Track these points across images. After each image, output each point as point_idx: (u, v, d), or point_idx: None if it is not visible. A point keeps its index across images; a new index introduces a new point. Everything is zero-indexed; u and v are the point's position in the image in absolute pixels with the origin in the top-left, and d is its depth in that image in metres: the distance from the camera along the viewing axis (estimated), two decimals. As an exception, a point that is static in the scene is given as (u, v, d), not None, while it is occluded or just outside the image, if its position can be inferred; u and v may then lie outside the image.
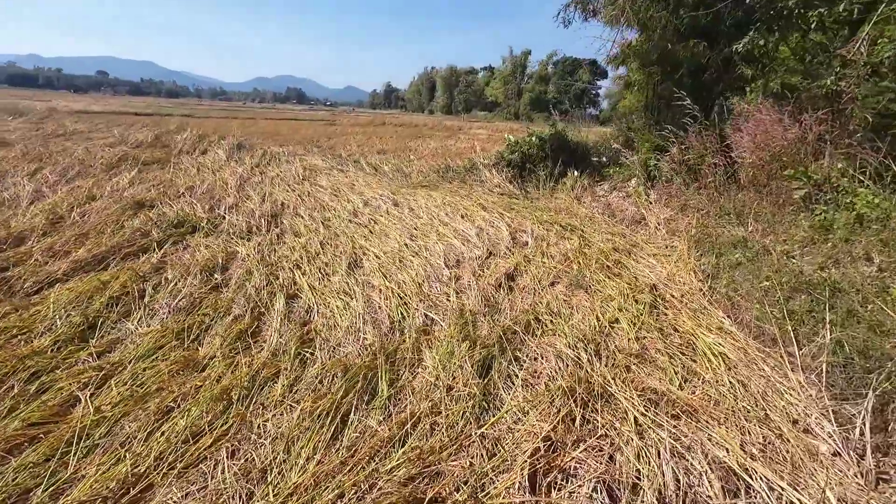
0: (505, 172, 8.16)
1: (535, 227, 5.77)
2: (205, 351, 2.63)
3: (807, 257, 3.90)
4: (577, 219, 6.41)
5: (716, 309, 3.47)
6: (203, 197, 6.26)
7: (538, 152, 8.09)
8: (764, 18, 5.17)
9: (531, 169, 8.14)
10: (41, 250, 3.82)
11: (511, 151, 8.30)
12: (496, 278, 4.03)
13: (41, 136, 11.24)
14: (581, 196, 7.68)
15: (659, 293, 3.79)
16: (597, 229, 5.89)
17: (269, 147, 12.35)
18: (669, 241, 5.29)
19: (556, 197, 7.74)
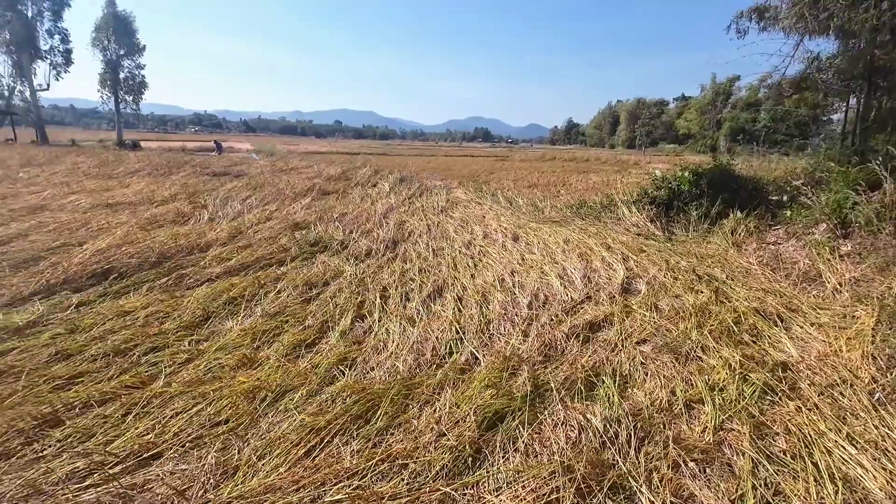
0: (647, 211, 7.25)
1: (660, 275, 4.99)
2: (264, 353, 3.05)
3: None
4: (727, 269, 5.29)
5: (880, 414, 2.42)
6: (349, 222, 7.28)
7: (691, 189, 6.97)
8: None
9: (681, 208, 7.05)
10: (213, 257, 5.02)
11: (657, 188, 7.36)
12: (574, 326, 3.62)
13: (271, 170, 14.73)
14: (743, 242, 6.30)
15: (789, 376, 2.84)
16: (746, 284, 4.76)
17: (430, 181, 13.63)
18: (850, 308, 3.92)
19: (709, 241, 6.53)
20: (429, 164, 25.48)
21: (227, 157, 20.90)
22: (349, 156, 27.79)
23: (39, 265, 4.44)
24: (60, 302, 3.75)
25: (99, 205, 7.38)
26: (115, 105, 32.35)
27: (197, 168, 13.96)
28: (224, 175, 12.88)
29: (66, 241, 5.24)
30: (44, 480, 1.87)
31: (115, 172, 11.87)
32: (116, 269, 4.43)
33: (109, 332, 3.24)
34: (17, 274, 4.24)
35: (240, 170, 14.36)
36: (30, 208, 6.91)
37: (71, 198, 7.83)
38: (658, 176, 7.62)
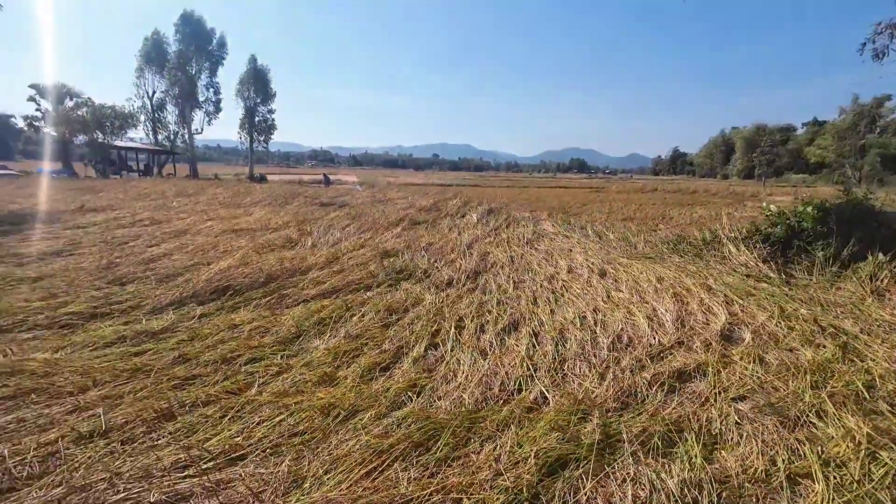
0: (759, 249, 6.45)
1: (770, 323, 4.41)
2: (343, 372, 3.27)
3: None
4: (861, 322, 4.51)
5: None
6: (434, 251, 7.56)
7: (815, 226, 6.08)
8: None
9: (802, 247, 6.17)
10: (311, 279, 5.54)
11: (772, 223, 6.54)
12: (659, 373, 3.34)
13: (370, 201, 15.91)
14: (887, 290, 5.32)
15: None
16: (887, 341, 4.00)
17: (518, 212, 13.63)
18: None
19: (839, 288, 5.61)
20: (519, 195, 25.51)
21: (335, 189, 23.04)
22: (442, 187, 28.94)
23: (176, 280, 5.29)
24: (188, 312, 4.42)
25: (227, 230, 8.60)
26: (249, 144, 37.90)
27: (308, 199, 15.59)
28: (330, 205, 14.21)
29: (198, 261, 6.18)
30: (154, 466, 2.20)
31: (243, 202, 13.75)
32: (233, 286, 5.10)
33: (220, 342, 3.73)
34: (160, 287, 5.10)
35: (344, 200, 15.73)
36: (176, 232, 8.29)
37: (207, 223, 9.24)
38: (773, 210, 6.78)
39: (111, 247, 6.96)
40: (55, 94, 29.55)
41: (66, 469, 2.15)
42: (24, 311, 4.24)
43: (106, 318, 4.30)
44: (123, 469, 2.16)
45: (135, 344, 3.72)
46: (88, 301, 4.57)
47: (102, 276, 5.41)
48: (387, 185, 27.94)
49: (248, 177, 34.53)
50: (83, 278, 5.28)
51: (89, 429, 2.48)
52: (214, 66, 35.70)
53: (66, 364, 3.24)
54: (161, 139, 36.14)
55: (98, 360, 3.40)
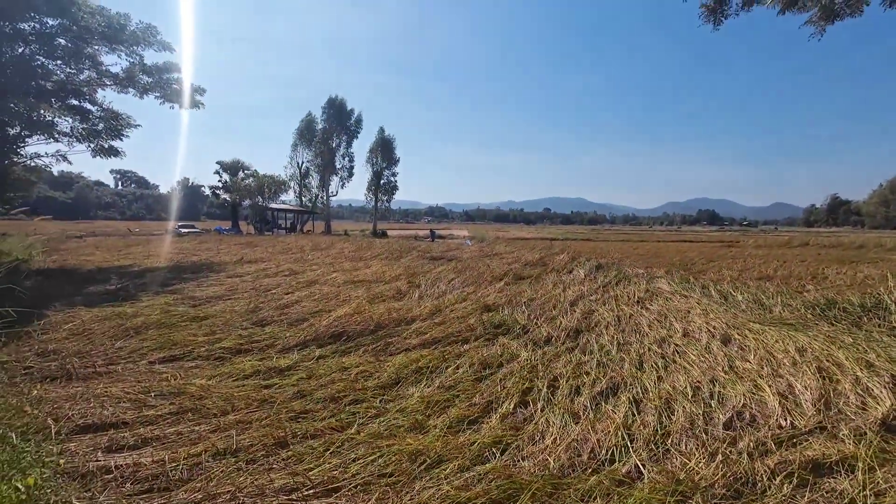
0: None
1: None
2: (433, 421, 3.42)
3: None
4: None
5: None
6: (536, 307, 7.51)
7: None
8: None
9: None
10: (414, 329, 5.92)
11: (962, 289, 5.24)
12: (787, 462, 2.87)
13: (478, 255, 16.44)
14: None
15: None
16: None
17: (632, 268, 12.85)
18: None
19: None
20: (635, 249, 24.03)
21: (445, 243, 24.29)
22: (551, 241, 28.61)
23: (303, 325, 6.08)
24: (308, 353, 5.05)
25: (348, 281, 9.64)
26: (374, 203, 42.56)
27: (420, 253, 16.70)
28: (440, 259, 15.02)
29: (322, 308, 7.03)
30: (268, 486, 2.56)
31: (364, 255, 15.27)
32: (346, 332, 5.70)
33: (331, 382, 4.19)
34: (289, 329, 5.91)
35: (453, 254, 16.50)
36: (308, 282, 9.54)
37: (333, 275, 10.46)
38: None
39: (257, 293, 8.28)
40: (233, 168, 36.99)
41: (205, 479, 2.62)
42: (192, 344, 5.26)
43: (247, 353, 5.12)
44: (245, 484, 2.55)
45: (266, 378, 4.36)
46: (237, 339, 5.50)
47: (249, 318, 6.46)
48: (495, 239, 28.58)
49: (371, 232, 38.48)
50: (235, 319, 6.37)
51: (224, 446, 2.99)
52: (350, 139, 41.85)
53: (214, 390, 3.94)
54: (305, 201, 42.47)
55: (238, 389, 4.06)
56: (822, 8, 7.98)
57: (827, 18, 8.02)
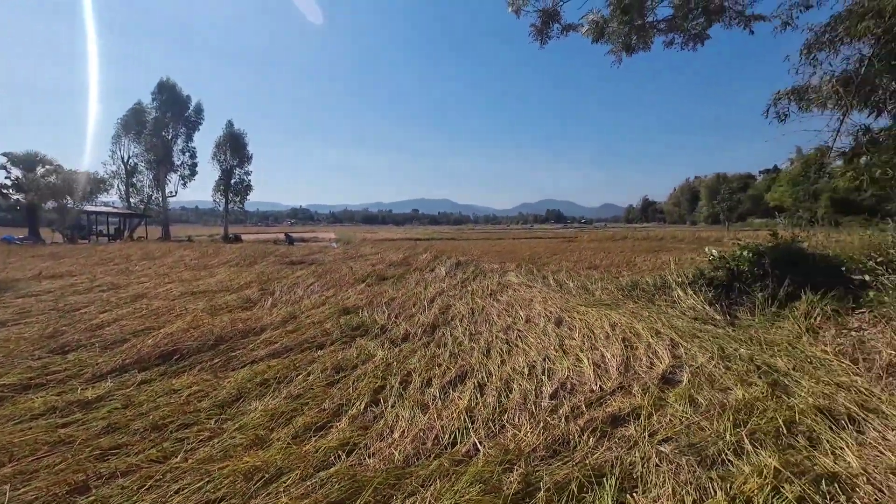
0: (704, 292, 6.74)
1: (710, 364, 4.56)
2: (277, 434, 3.22)
3: None
4: (794, 359, 4.70)
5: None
6: (396, 306, 7.60)
7: (751, 269, 6.43)
8: None
9: (743, 289, 6.47)
10: (263, 340, 5.49)
11: (714, 268, 6.88)
12: (593, 419, 3.39)
13: (342, 258, 16.00)
14: (820, 328, 5.57)
15: (837, 490, 2.40)
16: (814, 376, 4.17)
17: (488, 264, 13.87)
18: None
19: (779, 327, 5.85)
20: (493, 247, 26.03)
21: (308, 247, 23.11)
22: (417, 242, 29.34)
23: (122, 346, 5.17)
24: (127, 380, 4.30)
25: (186, 292, 8.50)
26: (224, 205, 38.13)
27: (279, 257, 15.60)
28: (300, 263, 14.22)
29: (150, 326, 6.07)
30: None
31: (211, 263, 13.66)
32: (180, 350, 5.02)
33: (155, 409, 3.63)
34: (103, 354, 4.97)
35: (315, 258, 15.78)
36: (133, 296, 8.15)
37: (167, 286, 9.12)
38: (715, 255, 7.16)
39: (60, 314, 6.78)
40: (27, 161, 29.59)
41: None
42: (-50, 387, 4.07)
43: (40, 388, 4.15)
44: (18, 550, 2.06)
45: (64, 415, 3.59)
46: (23, 372, 4.42)
47: (44, 345, 5.25)
48: (361, 241, 28.22)
49: (222, 237, 34.47)
50: (23, 348, 5.12)
51: (-9, 508, 2.37)
52: (191, 132, 36.66)
53: (-18, 440, 3.10)
54: (135, 203, 36.11)
55: (21, 433, 3.26)
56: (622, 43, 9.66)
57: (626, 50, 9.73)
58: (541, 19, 8.69)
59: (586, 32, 9.67)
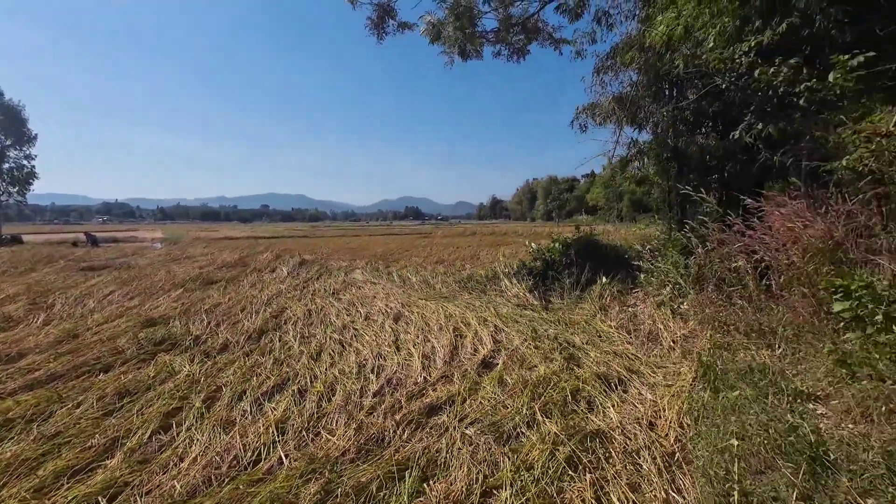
0: (526, 282, 7.54)
1: (523, 346, 5.04)
2: (8, 491, 2.50)
3: (832, 402, 2.63)
4: (589, 334, 5.48)
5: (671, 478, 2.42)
6: (220, 313, 6.77)
7: (561, 258, 7.42)
8: (756, 102, 4.36)
9: (555, 277, 7.42)
10: (23, 367, 4.32)
11: (533, 259, 7.75)
12: (410, 412, 3.43)
13: (163, 259, 13.76)
14: (609, 306, 6.66)
15: (599, 444, 2.82)
16: (600, 348, 4.92)
17: (336, 262, 13.42)
18: (678, 365, 4.14)
19: (581, 308, 6.83)
20: (348, 244, 25.40)
21: (118, 248, 19.36)
22: (262, 240, 27.03)
23: None
24: None
25: None
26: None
27: (74, 262, 12.69)
28: (103, 268, 11.77)
29: None
30: None
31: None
32: None
33: None
34: None
35: (126, 261, 13.26)
36: None
37: None
38: (534, 248, 8.06)
39: None
40: None
41: None
42: None
43: None
44: None
45: None
46: None
47: None
48: (193, 240, 24.76)
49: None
50: None
51: None
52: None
53: None
54: None
55: None
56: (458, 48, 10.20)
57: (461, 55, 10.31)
58: (376, 13, 8.66)
59: (424, 32, 9.96)
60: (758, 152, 4.74)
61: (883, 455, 1.86)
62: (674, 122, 5.71)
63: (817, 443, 2.09)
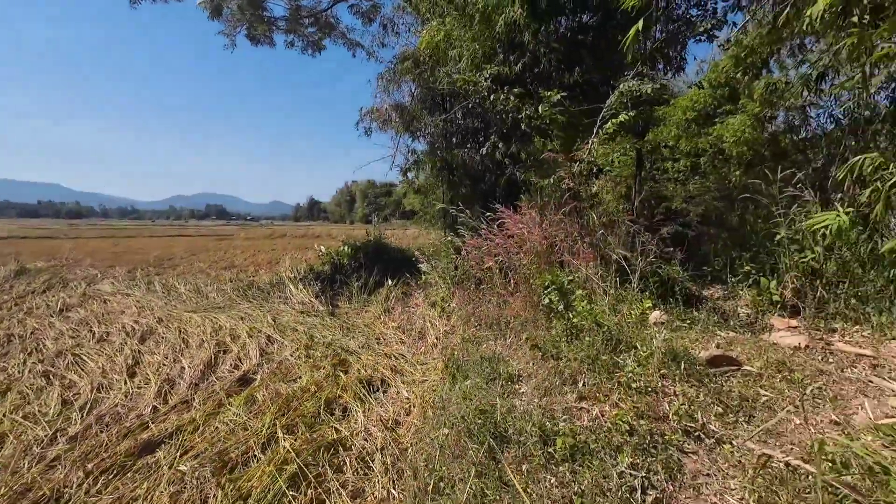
0: (313, 286, 7.23)
1: (294, 356, 4.72)
2: None
3: (532, 381, 3.13)
4: (366, 338, 5.47)
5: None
6: None
7: (350, 262, 7.36)
8: (497, 124, 5.20)
9: (343, 280, 7.31)
10: None
11: (322, 263, 7.50)
12: (115, 454, 2.77)
13: None
14: (393, 308, 6.86)
15: (330, 458, 2.72)
16: (374, 351, 4.95)
17: (82, 270, 10.63)
18: (438, 360, 4.44)
19: (368, 311, 6.86)
20: (115, 247, 20.67)
21: None
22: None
23: None
24: None
25: None
26: None
27: None
28: None
29: None
30: None
31: None
32: None
33: None
34: None
35: None
36: None
37: None
38: (323, 251, 7.81)
39: None
40: None
41: None
42: None
43: None
44: None
45: None
46: None
47: None
48: None
49: None
50: None
51: None
52: None
53: None
54: None
55: None
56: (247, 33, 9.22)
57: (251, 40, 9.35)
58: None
59: (202, 4, 8.71)
60: (506, 167, 5.57)
61: (540, 426, 2.23)
62: (444, 135, 6.25)
63: (501, 422, 2.41)
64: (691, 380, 2.67)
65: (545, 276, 3.94)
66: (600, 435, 2.18)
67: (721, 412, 2.40)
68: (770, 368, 2.91)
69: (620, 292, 4.13)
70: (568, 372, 2.87)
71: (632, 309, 3.42)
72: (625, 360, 2.80)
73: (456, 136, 6.32)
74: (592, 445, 2.11)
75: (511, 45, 5.00)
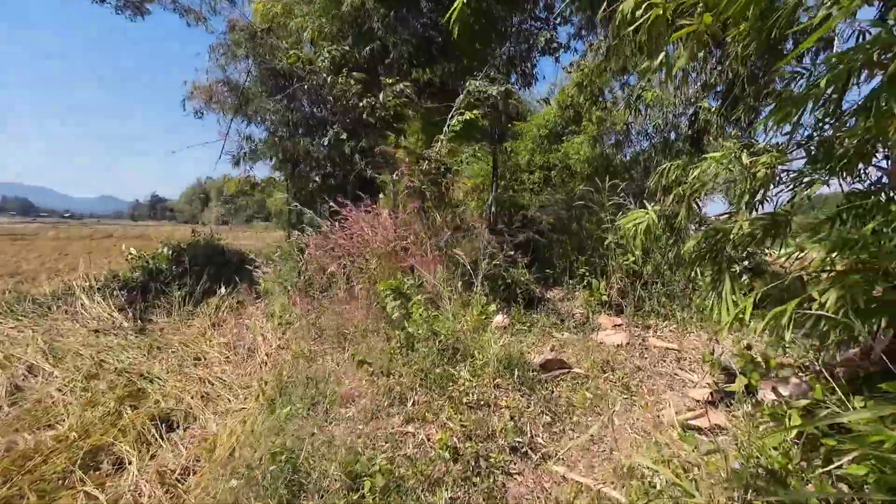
0: (116, 298, 5.81)
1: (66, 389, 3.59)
2: None
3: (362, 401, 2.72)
4: (178, 359, 4.48)
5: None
6: None
7: (170, 267, 6.12)
8: (340, 112, 4.83)
9: (161, 290, 6.03)
10: None
11: (132, 269, 6.12)
12: None
13: None
14: (224, 321, 5.86)
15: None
16: (186, 375, 4.04)
17: None
18: (263, 381, 3.76)
19: (191, 325, 5.75)
20: None
21: None
22: None
23: None
24: None
25: None
26: None
27: None
28: None
29: None
30: None
31: None
32: None
33: None
34: None
35: None
36: None
37: None
38: (134, 254, 6.40)
39: None
40: None
41: None
42: None
43: None
44: None
45: None
46: None
47: None
48: None
49: None
50: None
51: None
52: None
53: None
54: None
55: None
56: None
57: None
58: None
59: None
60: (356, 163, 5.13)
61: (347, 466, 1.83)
62: (287, 123, 5.55)
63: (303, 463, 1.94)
64: (524, 388, 2.54)
65: (388, 281, 3.59)
66: (420, 466, 1.85)
67: (549, 422, 2.29)
68: (595, 369, 2.96)
69: (467, 297, 3.98)
70: (398, 390, 2.53)
71: (474, 314, 3.25)
72: (459, 372, 2.56)
73: (302, 124, 5.66)
74: (410, 482, 1.77)
75: (359, 29, 4.59)
